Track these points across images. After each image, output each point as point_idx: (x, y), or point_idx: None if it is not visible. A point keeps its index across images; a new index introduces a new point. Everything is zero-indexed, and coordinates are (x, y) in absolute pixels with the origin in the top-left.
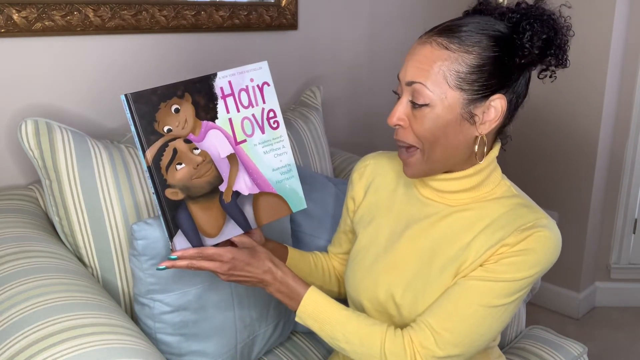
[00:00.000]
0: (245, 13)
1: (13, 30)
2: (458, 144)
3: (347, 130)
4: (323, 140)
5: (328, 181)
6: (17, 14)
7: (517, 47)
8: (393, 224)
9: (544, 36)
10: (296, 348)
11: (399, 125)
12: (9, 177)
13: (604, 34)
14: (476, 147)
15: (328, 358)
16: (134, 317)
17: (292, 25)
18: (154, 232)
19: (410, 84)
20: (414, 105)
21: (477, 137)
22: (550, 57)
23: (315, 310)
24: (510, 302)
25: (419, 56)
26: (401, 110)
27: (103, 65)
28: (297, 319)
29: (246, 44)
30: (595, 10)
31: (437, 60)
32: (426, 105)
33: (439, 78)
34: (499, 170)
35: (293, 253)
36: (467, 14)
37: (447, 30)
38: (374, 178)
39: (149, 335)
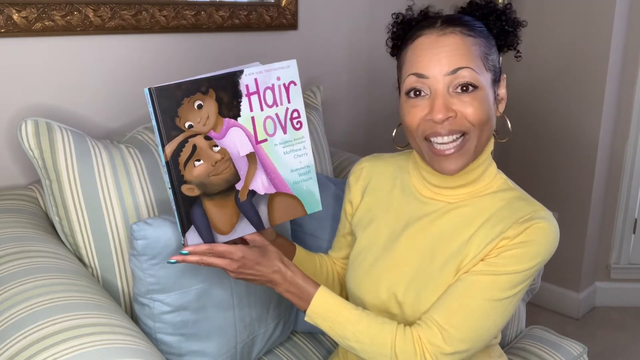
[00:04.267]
0: (245, 13)
1: (13, 30)
2: (494, 125)
3: (347, 130)
4: (323, 140)
5: (328, 181)
6: (17, 14)
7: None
8: (392, 224)
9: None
10: (296, 348)
11: (451, 116)
12: (9, 177)
13: (604, 34)
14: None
15: (328, 358)
16: (134, 317)
17: (292, 25)
18: (153, 232)
19: (455, 71)
20: (464, 90)
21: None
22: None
23: (325, 310)
24: (514, 295)
25: (449, 46)
26: (442, 102)
27: (103, 65)
28: (306, 319)
29: (246, 44)
30: (595, 10)
31: (471, 45)
32: (477, 87)
33: (478, 61)
34: (494, 164)
35: (300, 252)
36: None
37: (455, 21)
38: (370, 180)
39: (149, 335)
